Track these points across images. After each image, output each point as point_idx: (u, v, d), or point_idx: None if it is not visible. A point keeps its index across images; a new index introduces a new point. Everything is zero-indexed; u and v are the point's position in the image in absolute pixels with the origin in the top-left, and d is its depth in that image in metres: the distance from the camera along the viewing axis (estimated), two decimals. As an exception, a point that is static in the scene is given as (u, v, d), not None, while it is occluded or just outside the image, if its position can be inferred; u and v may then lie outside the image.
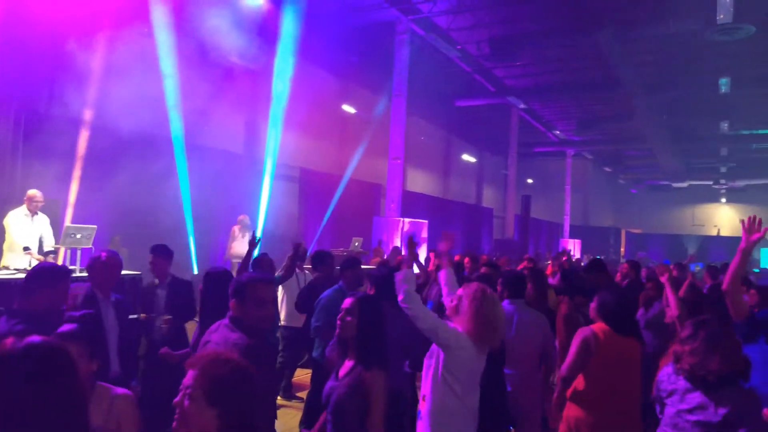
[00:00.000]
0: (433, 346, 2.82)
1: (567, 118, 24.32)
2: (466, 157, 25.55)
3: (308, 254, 7.32)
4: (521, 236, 20.35)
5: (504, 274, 4.45)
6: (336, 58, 14.88)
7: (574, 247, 27.66)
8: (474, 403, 2.81)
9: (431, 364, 2.80)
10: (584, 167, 31.97)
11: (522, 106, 21.81)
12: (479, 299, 2.79)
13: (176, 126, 10.14)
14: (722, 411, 2.29)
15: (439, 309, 4.28)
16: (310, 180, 14.08)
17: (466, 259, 7.54)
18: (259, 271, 4.61)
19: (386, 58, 14.98)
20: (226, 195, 11.41)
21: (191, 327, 4.39)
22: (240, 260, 9.30)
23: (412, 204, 17.19)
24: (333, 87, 16.04)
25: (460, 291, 2.91)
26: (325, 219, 13.87)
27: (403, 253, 8.53)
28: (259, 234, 11.21)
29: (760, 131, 23.48)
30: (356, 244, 11.36)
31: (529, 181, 30.06)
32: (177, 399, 1.57)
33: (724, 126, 21.89)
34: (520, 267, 7.41)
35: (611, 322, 3.38)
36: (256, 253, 4.88)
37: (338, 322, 2.62)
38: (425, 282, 6.16)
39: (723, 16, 11.30)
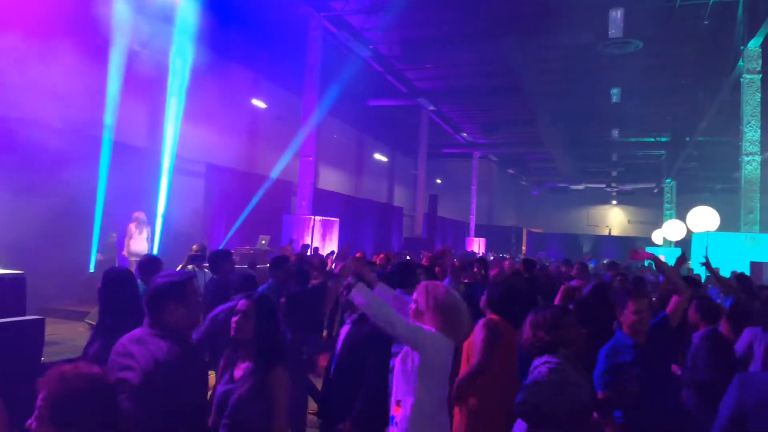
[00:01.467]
0: (405, 348, 2.77)
1: (474, 121, 25.21)
2: (378, 156, 25.83)
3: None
4: (429, 234, 20.85)
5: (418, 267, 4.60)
6: (247, 51, 14.53)
7: (479, 245, 28.76)
8: (446, 401, 2.82)
9: (406, 368, 2.72)
10: (489, 169, 33.26)
11: (431, 108, 22.36)
12: (436, 293, 2.80)
13: (75, 116, 9.48)
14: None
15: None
16: (216, 176, 13.64)
17: (381, 256, 7.64)
18: (146, 275, 4.33)
19: (299, 54, 14.83)
20: (126, 190, 10.82)
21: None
22: (138, 258, 8.90)
23: (323, 202, 17.13)
24: (243, 80, 15.65)
25: (415, 295, 2.89)
26: (241, 218, 13.48)
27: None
28: (158, 232, 10.85)
29: (647, 139, 25.55)
30: (263, 242, 11.13)
31: (438, 181, 30.86)
32: (28, 422, 1.46)
33: (615, 133, 23.55)
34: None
35: (502, 314, 3.50)
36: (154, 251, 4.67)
37: (233, 324, 2.54)
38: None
39: (614, 31, 12.18)
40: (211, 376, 2.91)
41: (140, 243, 9.32)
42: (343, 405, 3.44)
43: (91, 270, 9.94)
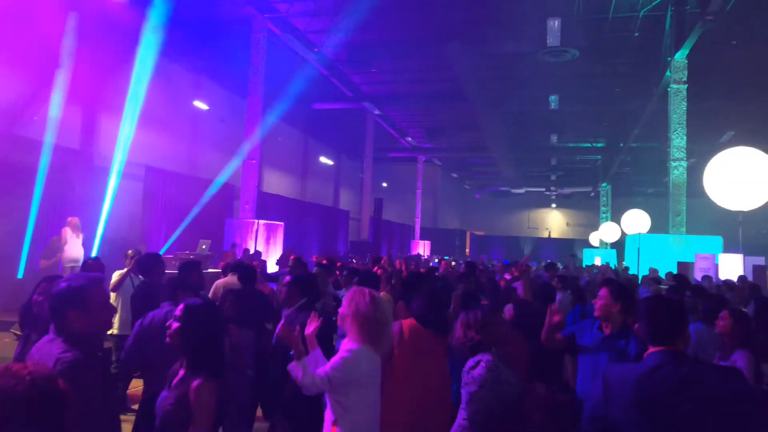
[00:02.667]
0: None
1: (418, 125, 25.51)
2: (324, 160, 25.73)
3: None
4: (374, 238, 20.93)
5: (359, 273, 4.63)
6: (189, 52, 14.21)
7: (424, 248, 29.08)
8: (378, 414, 2.83)
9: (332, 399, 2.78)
10: (434, 173, 33.72)
11: (377, 112, 22.49)
12: (359, 301, 2.82)
13: (6, 117, 9.01)
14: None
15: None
16: (156, 179, 13.23)
17: (323, 262, 7.59)
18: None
19: (243, 56, 14.62)
20: (60, 193, 10.35)
21: None
22: (73, 264, 8.56)
23: (267, 206, 16.91)
24: (184, 81, 15.28)
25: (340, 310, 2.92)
26: (183, 223, 13.08)
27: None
28: (98, 237, 10.44)
29: (584, 144, 26.56)
30: (203, 246, 10.85)
31: (384, 184, 31.03)
32: None
33: (554, 138, 24.35)
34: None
35: (417, 318, 3.59)
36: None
37: (169, 329, 2.48)
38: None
39: (551, 39, 12.61)
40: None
41: (76, 248, 8.93)
42: (275, 397, 3.48)
43: (19, 276, 9.45)
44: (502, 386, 2.69)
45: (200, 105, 15.80)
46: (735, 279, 9.19)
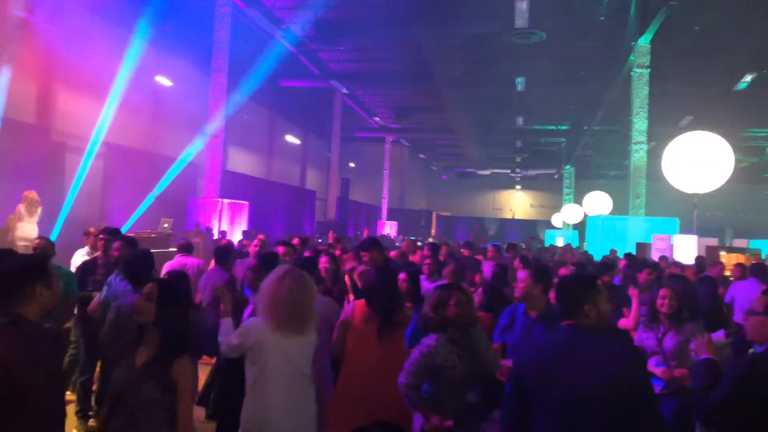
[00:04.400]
0: None
1: (386, 105, 25.40)
2: (291, 139, 25.44)
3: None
4: (341, 218, 20.90)
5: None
6: (152, 25, 13.74)
7: (390, 229, 29.21)
8: (277, 398, 2.79)
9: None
10: (402, 153, 33.72)
11: (345, 91, 22.29)
12: (267, 281, 2.88)
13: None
14: None
15: None
16: (117, 156, 12.89)
17: (295, 240, 7.49)
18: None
19: (207, 31, 14.25)
20: (17, 169, 9.98)
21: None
22: (26, 243, 8.28)
23: (232, 184, 16.68)
24: (146, 56, 14.78)
25: None
26: (145, 201, 12.79)
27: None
28: (61, 215, 10.13)
29: (549, 127, 26.90)
30: (165, 225, 10.62)
31: (351, 164, 30.91)
32: None
33: (520, 121, 24.59)
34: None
35: (366, 297, 3.56)
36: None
37: (134, 306, 2.44)
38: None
39: (519, 21, 12.67)
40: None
41: (29, 226, 8.65)
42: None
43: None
44: (439, 370, 2.75)
45: (163, 81, 15.36)
46: (689, 259, 9.54)
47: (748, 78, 16.84)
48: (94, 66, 11.84)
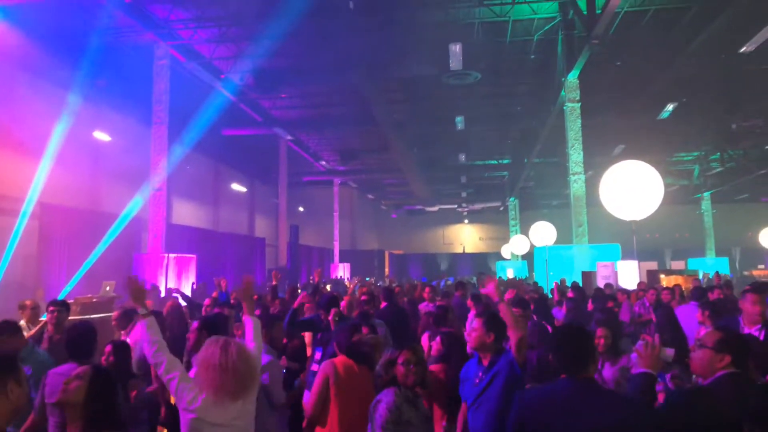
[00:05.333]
0: None
1: (331, 149, 25.61)
2: (237, 187, 25.17)
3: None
4: (293, 264, 20.66)
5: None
6: (87, 80, 13.49)
7: (344, 271, 29.05)
8: None
9: None
10: (350, 195, 33.88)
11: (289, 137, 22.37)
12: (204, 347, 2.74)
13: None
14: None
15: None
16: (53, 216, 12.41)
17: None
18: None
19: (146, 84, 14.11)
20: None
21: None
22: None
23: (178, 238, 16.29)
24: (83, 112, 14.46)
25: None
26: (85, 262, 12.25)
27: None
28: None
29: (491, 162, 27.71)
30: (107, 288, 10.09)
31: (301, 209, 30.78)
32: None
33: (462, 157, 25.22)
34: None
35: (349, 354, 3.50)
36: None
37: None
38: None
39: (454, 63, 13.14)
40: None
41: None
42: None
43: None
44: (405, 426, 2.71)
45: (102, 136, 15.02)
46: (632, 284, 9.89)
47: (670, 107, 17.93)
48: (26, 124, 11.49)
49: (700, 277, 13.76)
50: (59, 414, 3.04)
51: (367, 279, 24.96)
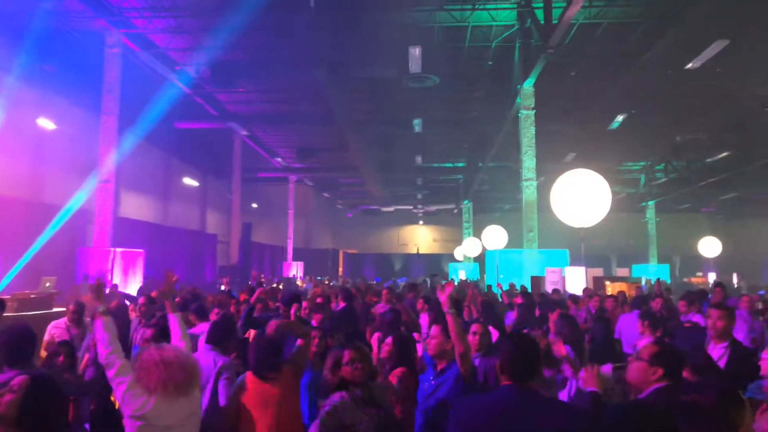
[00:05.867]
0: None
1: (288, 146, 25.34)
2: (188, 181, 24.58)
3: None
4: (244, 262, 20.36)
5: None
6: (32, 64, 12.91)
7: (297, 269, 28.79)
8: None
9: None
10: (306, 193, 33.61)
11: (245, 132, 22.02)
12: (139, 353, 2.72)
13: None
14: None
15: None
16: (-8, 206, 11.82)
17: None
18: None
19: (95, 71, 13.62)
20: None
21: None
22: None
23: (126, 232, 15.78)
24: (26, 97, 13.83)
25: None
26: (25, 255, 11.69)
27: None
28: None
29: (446, 164, 28.02)
30: (47, 284, 9.63)
31: (254, 205, 30.32)
32: None
33: (419, 159, 25.41)
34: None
35: (252, 367, 3.41)
36: None
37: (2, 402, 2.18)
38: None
39: (414, 67, 13.21)
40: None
41: None
42: None
43: None
44: (348, 429, 2.70)
45: (46, 123, 14.41)
46: (579, 289, 10.17)
47: (619, 118, 18.54)
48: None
49: (643, 284, 14.28)
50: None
51: (319, 278, 24.83)
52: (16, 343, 3.22)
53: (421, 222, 42.38)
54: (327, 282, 21.52)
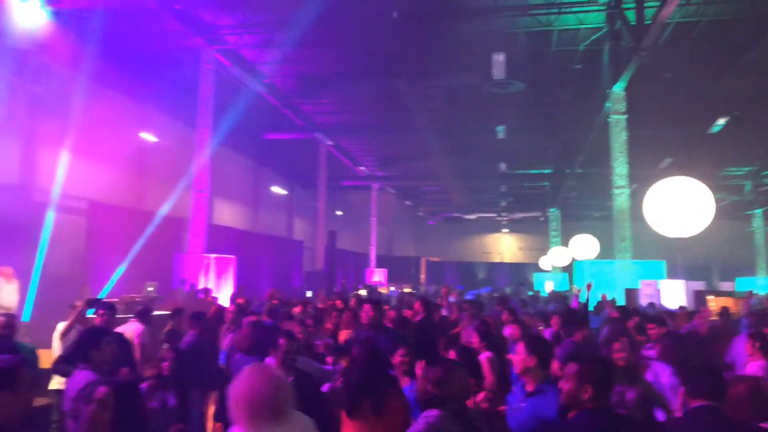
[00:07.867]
0: None
1: (371, 154, 25.68)
2: (276, 189, 25.50)
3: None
4: (329, 269, 20.76)
5: None
6: (135, 82, 13.92)
7: (380, 276, 29.01)
8: None
9: None
10: (388, 201, 33.86)
11: (329, 141, 22.54)
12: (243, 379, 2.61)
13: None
14: None
15: None
16: (100, 214, 12.79)
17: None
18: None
19: (191, 87, 14.45)
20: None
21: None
22: (6, 311, 8.09)
23: (218, 238, 16.56)
24: (130, 113, 14.91)
25: None
26: (127, 260, 12.57)
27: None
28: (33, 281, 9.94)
29: (531, 171, 27.27)
30: (150, 289, 10.34)
31: (339, 213, 30.94)
32: None
33: (503, 166, 24.90)
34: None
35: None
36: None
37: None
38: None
39: (497, 73, 12.97)
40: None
41: (10, 295, 8.47)
42: None
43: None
44: None
45: (147, 137, 15.45)
46: (677, 304, 9.53)
47: (721, 121, 17.29)
48: (76, 125, 11.87)
49: (751, 299, 13.17)
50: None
51: (407, 290, 24.83)
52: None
53: (505, 230, 41.51)
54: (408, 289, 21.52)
